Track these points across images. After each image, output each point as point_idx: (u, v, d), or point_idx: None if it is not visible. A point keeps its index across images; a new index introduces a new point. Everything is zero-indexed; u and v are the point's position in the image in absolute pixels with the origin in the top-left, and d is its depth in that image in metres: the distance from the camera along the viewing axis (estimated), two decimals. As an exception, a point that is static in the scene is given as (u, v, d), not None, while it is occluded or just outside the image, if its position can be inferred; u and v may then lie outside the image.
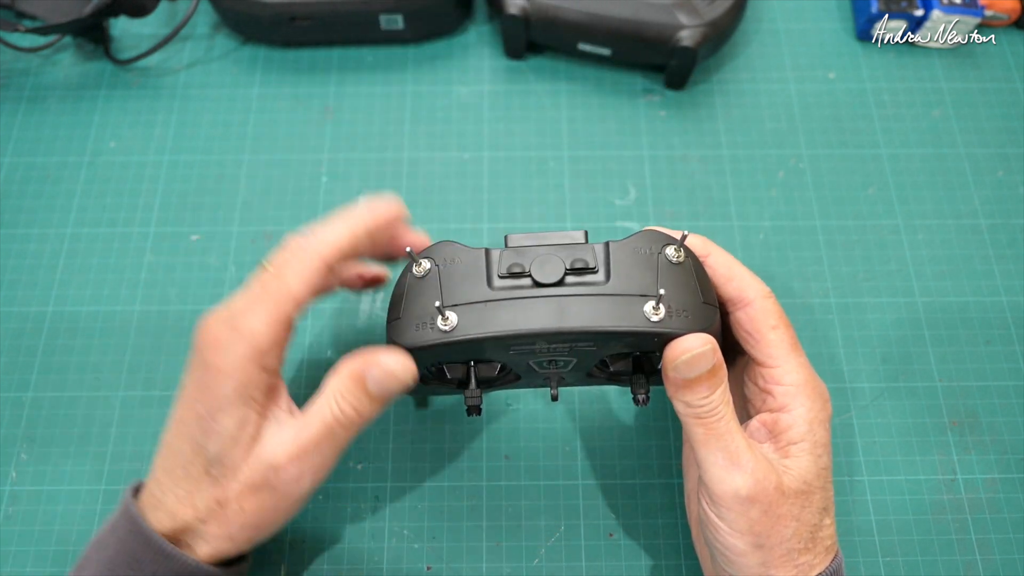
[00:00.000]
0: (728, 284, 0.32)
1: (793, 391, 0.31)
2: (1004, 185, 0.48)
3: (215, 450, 0.29)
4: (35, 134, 0.50)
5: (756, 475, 0.29)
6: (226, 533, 0.30)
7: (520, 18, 0.49)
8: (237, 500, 0.29)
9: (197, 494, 0.29)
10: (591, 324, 0.29)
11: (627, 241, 0.31)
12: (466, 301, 0.29)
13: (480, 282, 0.30)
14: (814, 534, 0.30)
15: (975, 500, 0.40)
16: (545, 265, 0.29)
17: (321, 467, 0.30)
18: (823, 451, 0.31)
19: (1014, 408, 0.42)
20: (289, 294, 0.29)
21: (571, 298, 0.29)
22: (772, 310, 0.32)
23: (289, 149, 0.50)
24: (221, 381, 0.29)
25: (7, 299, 0.45)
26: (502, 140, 0.50)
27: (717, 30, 0.48)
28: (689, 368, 0.29)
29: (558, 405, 0.42)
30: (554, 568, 0.39)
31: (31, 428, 0.42)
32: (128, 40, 0.54)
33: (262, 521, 0.30)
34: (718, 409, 0.30)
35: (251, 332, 0.29)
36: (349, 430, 0.30)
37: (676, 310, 0.29)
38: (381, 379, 0.29)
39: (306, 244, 0.30)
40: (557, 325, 0.29)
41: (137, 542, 0.30)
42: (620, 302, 0.29)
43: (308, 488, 0.30)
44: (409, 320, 0.30)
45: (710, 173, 0.49)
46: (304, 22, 0.50)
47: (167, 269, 0.46)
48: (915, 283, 0.45)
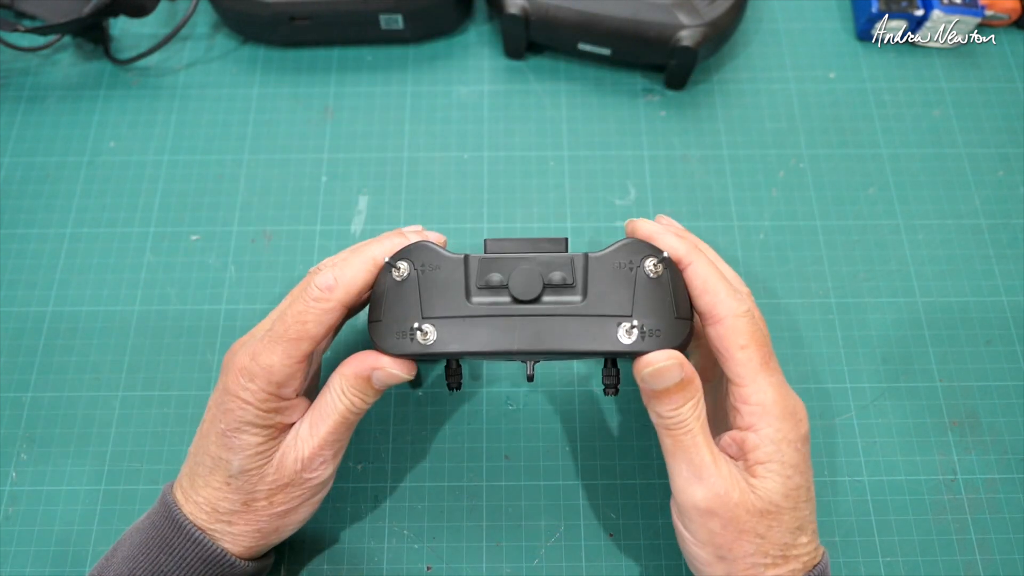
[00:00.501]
0: (702, 298, 0.32)
1: (759, 411, 0.31)
2: (1004, 185, 0.48)
3: (237, 464, 0.32)
4: (35, 134, 0.50)
5: (716, 489, 0.30)
6: (255, 528, 0.33)
7: (520, 18, 0.49)
8: (265, 498, 0.32)
9: (220, 501, 0.32)
10: (565, 346, 0.30)
11: (607, 254, 0.31)
12: (445, 315, 0.30)
13: (459, 295, 0.30)
14: (785, 552, 0.30)
15: (975, 500, 0.40)
16: (523, 281, 0.30)
17: (337, 453, 0.33)
18: (793, 471, 0.31)
19: (1014, 408, 0.42)
20: (308, 337, 0.32)
21: (547, 319, 0.30)
22: (742, 329, 0.31)
23: (289, 149, 0.50)
24: (242, 408, 0.32)
25: (7, 299, 0.45)
26: (502, 140, 0.50)
27: (717, 30, 0.48)
28: (655, 380, 0.30)
29: (558, 405, 0.42)
30: (554, 568, 0.39)
31: (31, 428, 0.42)
32: (128, 40, 0.54)
33: (289, 512, 0.33)
34: (686, 422, 0.30)
35: (269, 369, 0.31)
36: (357, 416, 0.33)
37: (649, 331, 0.30)
38: (385, 378, 0.32)
39: (328, 293, 0.32)
40: (532, 347, 0.30)
41: (170, 528, 0.32)
42: (594, 323, 0.30)
43: (329, 474, 0.33)
44: (390, 325, 0.31)
45: (710, 173, 0.49)
46: (304, 22, 0.50)
47: (167, 269, 0.46)
48: (915, 283, 0.45)
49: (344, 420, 0.32)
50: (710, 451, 0.30)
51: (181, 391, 0.42)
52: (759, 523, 0.30)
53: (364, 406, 0.33)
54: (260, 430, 0.32)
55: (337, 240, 0.47)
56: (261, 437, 0.32)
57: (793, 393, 0.32)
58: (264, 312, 0.45)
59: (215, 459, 0.32)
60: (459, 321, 0.30)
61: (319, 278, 0.32)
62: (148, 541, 0.33)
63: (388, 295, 0.31)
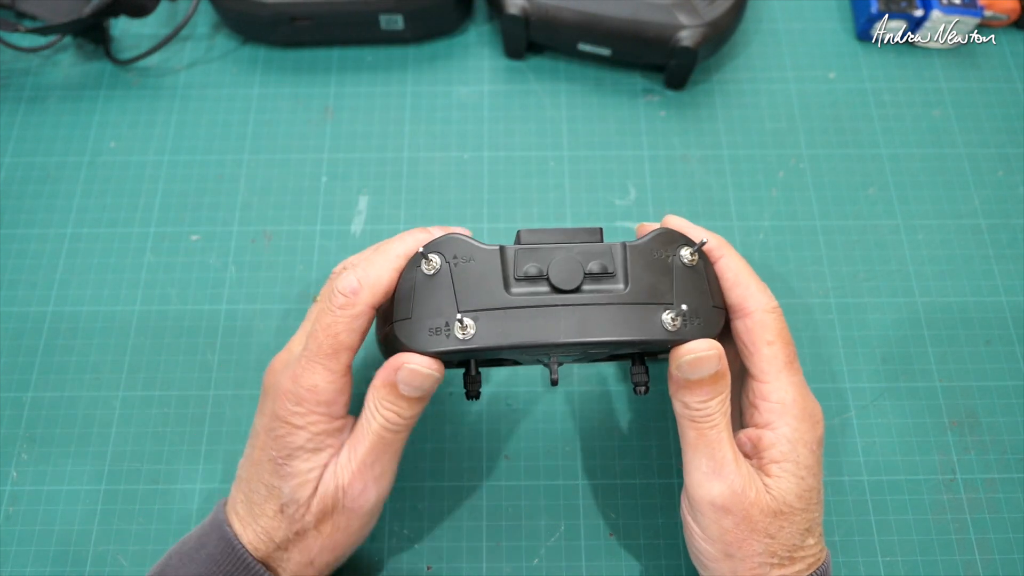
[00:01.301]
0: (733, 291, 0.32)
1: (779, 409, 0.31)
2: (1004, 185, 0.48)
3: (288, 492, 0.31)
4: (35, 134, 0.50)
5: (734, 487, 0.29)
6: (307, 559, 0.31)
7: (520, 18, 0.49)
8: (315, 527, 0.31)
9: (275, 531, 0.31)
10: (612, 336, 0.28)
11: (643, 244, 0.30)
12: (483, 307, 0.28)
13: (497, 285, 0.29)
14: (792, 553, 0.30)
15: (974, 500, 0.40)
16: (563, 269, 0.29)
17: (382, 476, 0.31)
18: (807, 473, 0.31)
19: (1014, 408, 0.42)
20: (344, 349, 0.30)
21: (591, 307, 0.28)
22: (771, 325, 0.31)
23: (289, 149, 0.50)
24: (294, 432, 0.30)
25: (7, 299, 0.45)
26: (502, 140, 0.50)
27: (717, 30, 0.48)
28: (692, 369, 0.29)
29: (558, 405, 0.42)
30: (554, 568, 0.39)
31: (31, 428, 0.42)
32: (128, 40, 0.54)
33: (339, 541, 0.32)
34: (713, 416, 0.30)
35: (314, 390, 0.30)
36: (397, 435, 0.31)
37: (690, 318, 0.29)
38: (409, 380, 0.29)
39: (353, 298, 0.30)
40: (579, 338, 0.28)
41: (233, 564, 0.31)
42: (639, 312, 0.29)
43: (374, 499, 0.31)
44: (421, 322, 0.29)
45: (710, 173, 0.49)
46: (304, 22, 0.50)
47: (167, 269, 0.46)
48: (915, 283, 0.45)
49: (380, 439, 0.30)
50: (732, 448, 0.30)
51: (181, 391, 0.43)
52: (771, 523, 0.30)
53: (401, 421, 0.30)
54: (312, 455, 0.31)
55: (337, 240, 0.47)
56: (312, 463, 0.31)
57: (812, 395, 0.32)
58: (264, 312, 0.45)
59: (269, 487, 0.31)
60: (499, 313, 0.28)
61: (341, 282, 0.30)
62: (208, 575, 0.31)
63: (418, 290, 0.29)
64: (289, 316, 0.44)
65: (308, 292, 0.45)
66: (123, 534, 0.39)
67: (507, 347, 0.28)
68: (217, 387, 0.43)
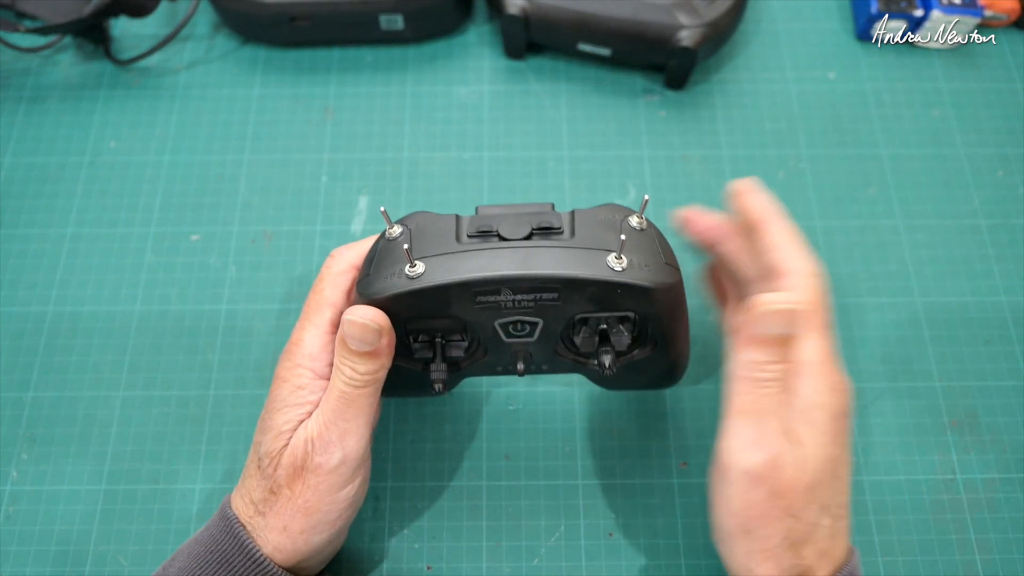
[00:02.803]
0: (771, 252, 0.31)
1: (802, 369, 0.29)
2: (1004, 185, 0.48)
3: (264, 446, 0.32)
4: (35, 134, 0.50)
5: (773, 459, 0.28)
6: (281, 523, 0.31)
7: (520, 18, 0.49)
8: (286, 485, 0.31)
9: (255, 489, 0.32)
10: (555, 270, 0.29)
11: (592, 210, 0.32)
12: (434, 254, 0.30)
13: (450, 239, 0.31)
14: (807, 535, 0.29)
15: (974, 500, 0.40)
16: (512, 224, 0.30)
17: (347, 433, 0.31)
18: (828, 440, 0.29)
19: (1014, 408, 0.42)
20: (327, 303, 0.33)
21: (536, 248, 0.30)
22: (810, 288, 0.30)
23: (289, 149, 0.50)
24: (279, 386, 0.32)
25: (7, 299, 0.45)
26: (502, 140, 0.50)
27: (717, 30, 0.48)
28: (773, 321, 0.28)
29: (558, 405, 0.42)
30: (554, 568, 0.39)
31: (31, 428, 0.42)
32: (128, 40, 0.54)
33: (310, 503, 0.31)
34: (772, 383, 0.29)
35: (300, 342, 0.33)
36: (358, 391, 0.31)
37: (638, 264, 0.29)
38: (351, 332, 0.30)
39: (339, 258, 0.34)
40: (522, 271, 0.29)
41: (223, 533, 0.32)
42: (583, 253, 0.29)
43: (339, 457, 0.31)
44: (378, 275, 0.31)
45: (710, 173, 0.49)
46: (304, 22, 0.50)
47: (167, 269, 0.46)
48: (915, 283, 0.45)
49: (343, 396, 0.31)
50: (778, 419, 0.29)
51: (181, 391, 0.43)
52: (797, 499, 0.28)
53: (358, 376, 0.31)
54: (290, 408, 0.32)
55: (337, 240, 0.47)
56: (289, 415, 0.32)
57: (840, 367, 0.30)
58: (264, 312, 0.45)
59: (254, 445, 0.33)
60: (448, 257, 0.30)
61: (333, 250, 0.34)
62: (207, 554, 0.32)
63: (379, 253, 0.32)
64: (289, 316, 0.45)
65: (308, 292, 0.45)
66: (123, 534, 0.39)
67: (454, 284, 0.29)
68: (217, 387, 0.43)
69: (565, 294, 0.30)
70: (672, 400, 0.42)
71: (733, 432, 0.29)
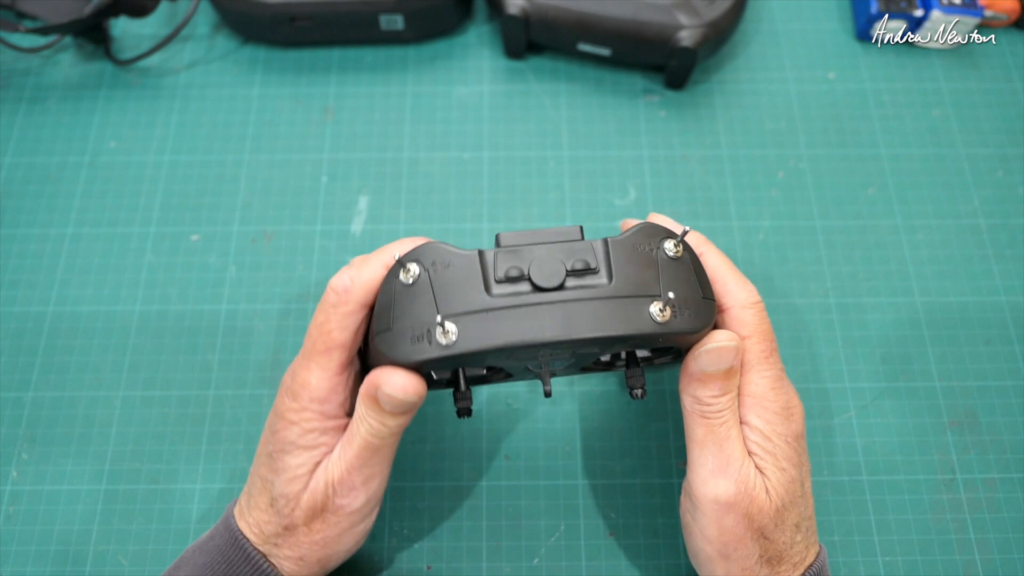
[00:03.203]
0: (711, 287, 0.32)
1: (750, 402, 0.31)
2: (1004, 185, 0.48)
3: (279, 486, 0.31)
4: (35, 134, 0.50)
5: (740, 485, 0.29)
6: (297, 555, 0.32)
7: (520, 18, 0.49)
8: (304, 524, 0.31)
9: (267, 524, 0.32)
10: (599, 332, 0.27)
11: (625, 238, 0.29)
12: (464, 311, 0.27)
13: (477, 288, 0.28)
14: (782, 553, 0.30)
15: (974, 500, 0.40)
16: (544, 267, 0.28)
17: (371, 478, 0.31)
18: (788, 464, 0.31)
19: (1014, 408, 0.42)
20: (336, 346, 0.31)
21: (575, 303, 0.28)
22: (748, 321, 0.31)
23: (289, 149, 0.50)
24: (287, 427, 0.31)
25: (7, 299, 0.45)
26: (502, 140, 0.50)
27: (717, 30, 0.48)
28: (713, 360, 0.30)
29: (558, 405, 0.42)
30: (554, 568, 0.39)
31: (31, 428, 0.42)
32: (128, 40, 0.54)
33: (329, 540, 0.32)
34: (723, 413, 0.30)
35: (307, 385, 0.31)
36: (384, 441, 0.31)
37: (680, 309, 0.28)
38: (388, 401, 0.29)
39: (345, 296, 0.31)
40: (565, 335, 0.27)
41: (235, 553, 0.32)
42: (625, 305, 0.28)
43: (363, 501, 0.31)
44: (402, 332, 0.28)
45: (710, 173, 0.49)
46: (304, 22, 0.50)
47: (167, 269, 0.46)
48: (915, 283, 0.45)
49: (367, 445, 0.30)
50: (740, 445, 0.30)
51: (181, 391, 0.43)
52: (768, 523, 0.30)
53: (386, 431, 0.30)
54: (303, 451, 0.31)
55: (337, 240, 0.47)
56: (303, 459, 0.31)
57: (790, 389, 0.32)
58: (264, 312, 0.45)
59: (263, 480, 0.32)
60: (481, 316, 0.27)
61: (334, 280, 0.31)
62: (214, 564, 0.32)
63: (397, 300, 0.28)
64: (289, 316, 0.45)
65: (308, 292, 0.45)
66: (123, 534, 0.39)
67: (492, 350, 0.27)
68: (217, 387, 0.43)
69: (606, 344, 0.29)
70: (672, 400, 0.42)
71: (699, 463, 0.30)
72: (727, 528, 0.30)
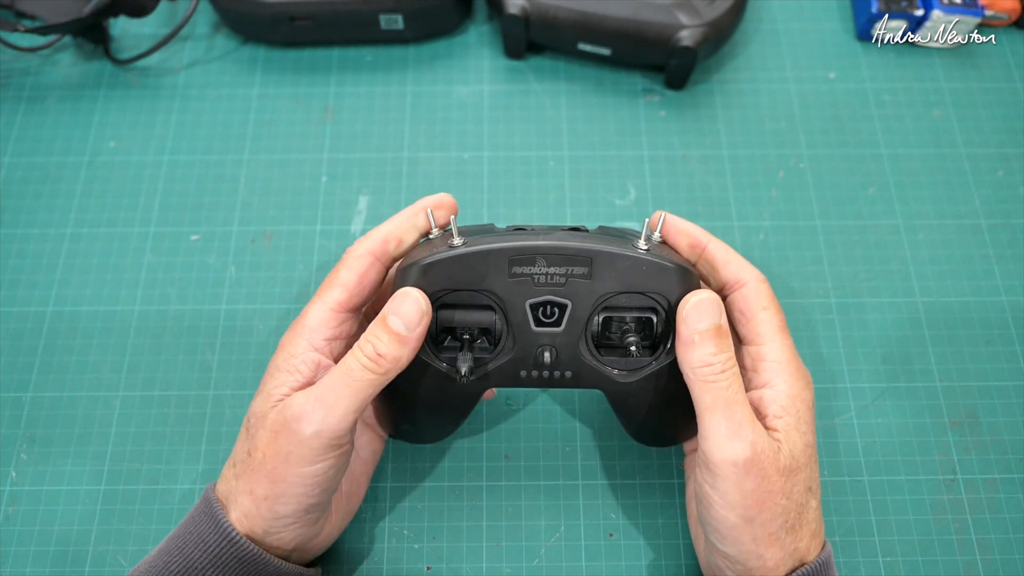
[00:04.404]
0: (726, 268, 0.35)
1: (776, 367, 0.33)
2: (1004, 185, 0.48)
3: (254, 406, 0.33)
4: (35, 134, 0.50)
5: (756, 446, 0.30)
6: (248, 486, 0.32)
7: (520, 18, 0.49)
8: (262, 448, 0.32)
9: (239, 450, 0.33)
10: (586, 244, 0.32)
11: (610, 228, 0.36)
12: (476, 234, 0.33)
13: (488, 231, 0.34)
14: (800, 514, 0.31)
15: (975, 500, 0.40)
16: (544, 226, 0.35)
17: (332, 406, 0.30)
18: (807, 428, 0.32)
19: (1014, 408, 0.42)
20: (339, 283, 0.34)
21: (568, 233, 0.33)
22: (765, 292, 0.34)
23: (289, 149, 0.50)
24: (278, 353, 0.34)
25: (7, 299, 0.45)
26: (502, 140, 0.50)
27: (717, 30, 0.48)
28: (698, 315, 0.31)
29: (558, 405, 0.42)
30: (554, 568, 0.39)
31: (31, 428, 0.42)
32: (128, 40, 0.54)
33: (279, 470, 0.31)
34: (725, 374, 0.31)
35: (304, 315, 0.34)
36: (364, 372, 0.31)
37: (659, 256, 0.32)
38: (400, 309, 0.31)
39: (360, 244, 0.35)
40: (556, 242, 0.32)
41: (201, 507, 0.33)
42: (612, 240, 0.33)
43: (316, 426, 0.30)
44: (418, 255, 0.33)
45: (710, 173, 0.49)
46: (304, 22, 0.50)
47: (167, 269, 0.46)
48: (915, 283, 0.45)
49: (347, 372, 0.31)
50: (748, 408, 0.31)
51: (181, 391, 0.42)
52: (786, 481, 0.30)
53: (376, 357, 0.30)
54: (282, 374, 0.32)
55: (337, 240, 0.47)
56: (279, 380, 0.32)
57: (800, 360, 0.34)
58: (264, 312, 0.45)
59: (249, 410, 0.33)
60: (489, 235, 0.33)
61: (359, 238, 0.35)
62: (183, 534, 0.33)
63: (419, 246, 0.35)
64: (289, 316, 0.44)
65: (308, 292, 0.45)
66: (123, 534, 0.39)
67: (493, 250, 0.32)
68: (217, 387, 0.43)
69: (595, 270, 0.32)
70: (672, 400, 0.42)
71: (711, 429, 0.30)
72: (748, 491, 0.30)
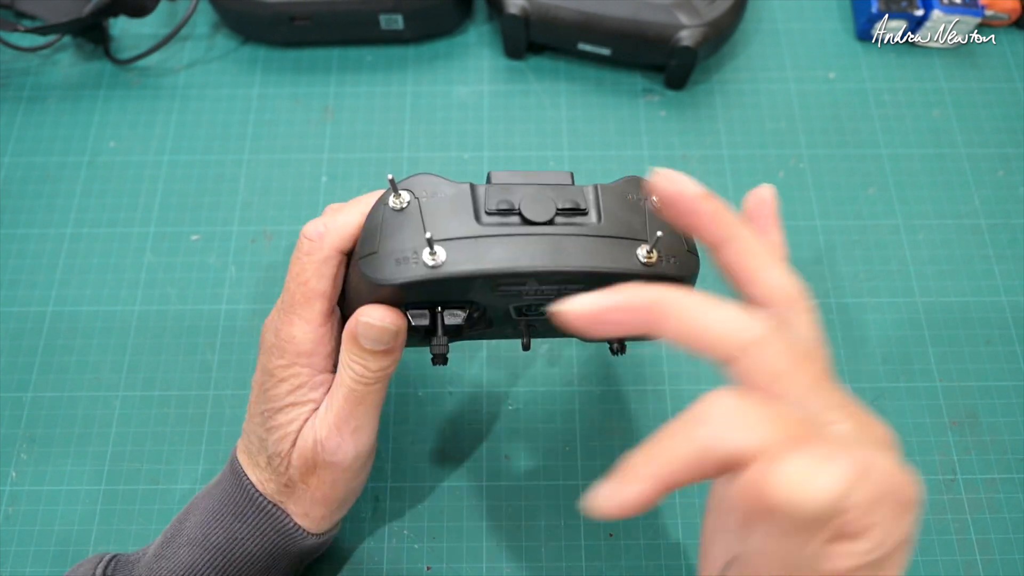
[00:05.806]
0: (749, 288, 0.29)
1: None
2: (1004, 185, 0.48)
3: (272, 445, 0.32)
4: (35, 134, 0.50)
5: None
6: (302, 511, 0.32)
7: (520, 18, 0.49)
8: (300, 480, 0.32)
9: (268, 481, 0.32)
10: (587, 265, 0.28)
11: (615, 185, 0.30)
12: (454, 236, 0.27)
13: (467, 217, 0.28)
14: None
15: (975, 500, 0.40)
16: (535, 203, 0.28)
17: (358, 430, 0.31)
18: None
19: (1014, 408, 0.42)
20: (315, 296, 0.30)
21: (565, 237, 0.28)
22: None
23: (289, 149, 0.50)
24: (276, 385, 0.31)
25: (7, 299, 0.45)
26: (502, 140, 0.50)
27: (717, 30, 0.48)
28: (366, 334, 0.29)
29: (558, 405, 0.42)
30: (554, 568, 0.39)
31: (31, 428, 0.42)
32: (128, 40, 0.54)
33: (328, 495, 0.32)
34: None
35: (292, 340, 0.30)
36: (368, 387, 0.30)
37: (666, 256, 0.29)
38: (366, 333, 0.29)
39: (319, 241, 0.30)
40: (553, 264, 0.27)
41: (241, 496, 0.32)
42: (613, 244, 0.28)
43: (352, 454, 0.31)
44: (388, 255, 0.27)
45: (710, 173, 0.49)
46: (304, 22, 0.50)
47: (167, 269, 0.46)
48: (915, 283, 0.45)
49: (352, 393, 0.30)
50: None
51: (181, 391, 0.42)
52: None
53: (369, 374, 0.30)
54: (293, 408, 0.31)
55: (337, 240, 0.47)
56: (292, 415, 0.31)
57: None
58: (264, 312, 0.45)
59: (260, 439, 0.32)
60: (470, 242, 0.27)
61: (307, 228, 0.30)
62: (221, 508, 0.33)
63: (385, 224, 0.28)
64: (289, 316, 0.44)
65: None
66: (123, 534, 0.39)
67: (478, 274, 0.27)
68: (217, 387, 0.43)
69: (593, 282, 0.29)
70: (672, 400, 0.42)
71: None
72: None
